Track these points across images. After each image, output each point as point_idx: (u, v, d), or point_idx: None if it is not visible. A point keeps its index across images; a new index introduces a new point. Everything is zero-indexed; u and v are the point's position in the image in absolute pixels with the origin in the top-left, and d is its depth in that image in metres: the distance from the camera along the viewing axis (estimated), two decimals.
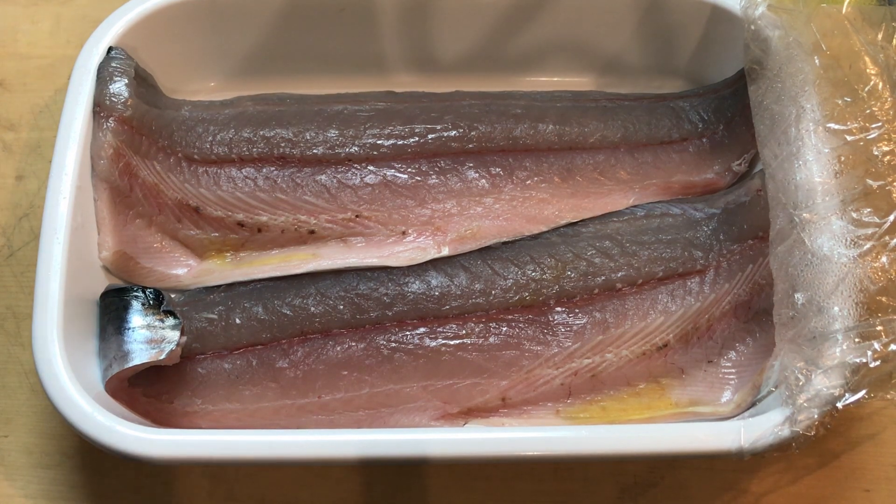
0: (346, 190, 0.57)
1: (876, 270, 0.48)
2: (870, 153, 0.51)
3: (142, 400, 0.51)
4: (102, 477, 0.53)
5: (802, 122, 0.53)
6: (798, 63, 0.54)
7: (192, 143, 0.56)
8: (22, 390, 0.55)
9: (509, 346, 0.53)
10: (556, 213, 0.58)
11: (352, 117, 0.59)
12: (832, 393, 0.45)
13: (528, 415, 0.52)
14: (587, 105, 0.61)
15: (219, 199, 0.56)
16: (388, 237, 0.57)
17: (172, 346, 0.49)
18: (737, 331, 0.54)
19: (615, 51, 0.64)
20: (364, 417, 0.52)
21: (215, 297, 0.54)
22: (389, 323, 0.53)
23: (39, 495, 0.53)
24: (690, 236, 0.56)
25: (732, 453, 0.46)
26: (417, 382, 0.52)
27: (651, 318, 0.54)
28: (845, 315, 0.47)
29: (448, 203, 0.57)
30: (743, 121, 0.59)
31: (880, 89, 0.52)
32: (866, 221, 0.49)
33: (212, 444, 0.46)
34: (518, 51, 0.64)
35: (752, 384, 0.51)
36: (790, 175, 0.52)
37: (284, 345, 0.52)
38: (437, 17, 0.62)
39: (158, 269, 0.55)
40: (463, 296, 0.54)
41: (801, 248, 0.49)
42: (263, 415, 0.51)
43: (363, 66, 0.64)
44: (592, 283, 0.54)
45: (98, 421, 0.46)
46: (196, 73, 0.63)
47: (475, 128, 0.59)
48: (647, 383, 0.53)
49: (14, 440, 0.54)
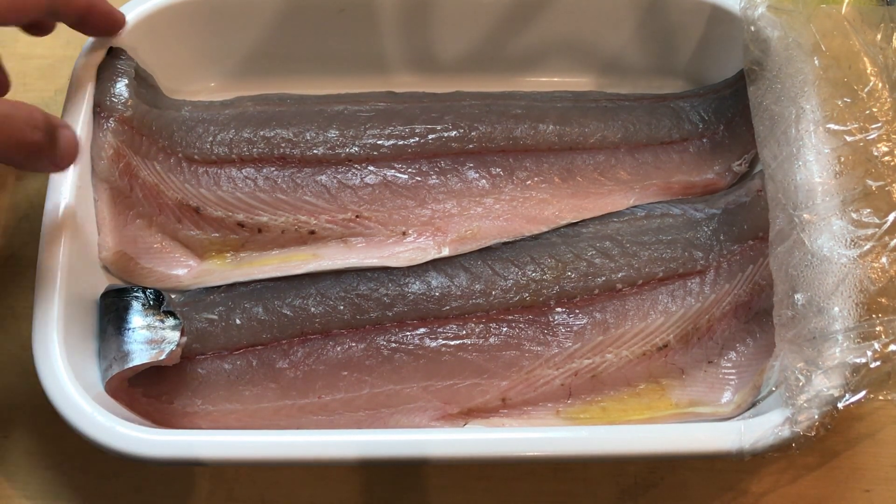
0: (346, 190, 0.57)
1: (876, 271, 0.48)
2: (869, 154, 0.51)
3: (142, 400, 0.51)
4: (102, 477, 0.53)
5: (802, 122, 0.53)
6: (798, 64, 0.54)
7: (192, 143, 0.57)
8: (22, 390, 0.55)
9: (509, 346, 0.53)
10: (557, 214, 0.58)
11: (352, 117, 0.59)
12: (832, 393, 0.45)
13: (529, 415, 0.52)
14: (587, 105, 0.61)
15: (219, 200, 0.56)
16: (389, 237, 0.57)
17: (172, 347, 0.49)
18: (737, 331, 0.54)
19: (615, 51, 0.64)
20: (364, 418, 0.52)
21: (215, 297, 0.54)
22: (390, 323, 0.53)
23: (39, 496, 0.53)
24: (691, 237, 0.56)
25: (732, 454, 0.46)
26: (417, 383, 0.52)
27: (651, 318, 0.54)
28: (845, 315, 0.47)
29: (448, 203, 0.57)
30: (743, 121, 0.59)
31: (880, 90, 0.52)
32: (866, 222, 0.49)
33: (212, 445, 0.46)
34: (518, 51, 0.64)
35: (752, 385, 0.51)
36: (790, 176, 0.52)
37: (284, 345, 0.52)
38: (437, 17, 0.62)
39: (158, 270, 0.55)
40: (463, 296, 0.54)
41: (801, 249, 0.49)
42: (263, 415, 0.51)
43: (363, 66, 0.64)
44: (593, 283, 0.54)
45: (98, 421, 0.46)
46: (196, 74, 0.63)
47: (475, 128, 0.59)
48: (648, 384, 0.53)
49: (14, 441, 0.54)
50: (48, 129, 0.45)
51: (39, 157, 0.45)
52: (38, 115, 0.44)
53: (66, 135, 0.47)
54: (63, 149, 0.46)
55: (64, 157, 0.47)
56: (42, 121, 0.44)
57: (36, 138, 0.44)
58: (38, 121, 0.44)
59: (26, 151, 0.44)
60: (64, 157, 0.47)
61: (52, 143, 0.46)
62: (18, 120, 0.43)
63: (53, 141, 0.46)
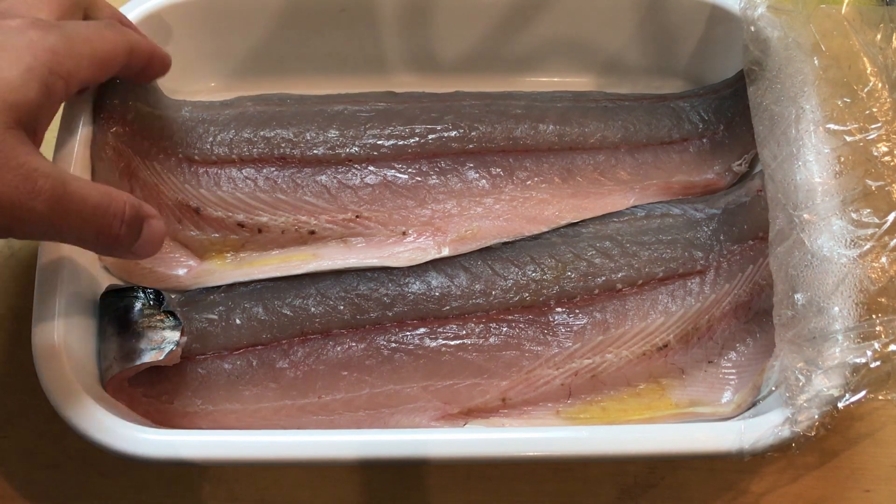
0: (346, 190, 0.57)
1: (876, 271, 0.48)
2: (869, 154, 0.51)
3: (142, 400, 0.51)
4: (102, 477, 0.53)
5: (802, 122, 0.53)
6: (797, 64, 0.54)
7: (192, 143, 0.56)
8: (22, 390, 0.55)
9: (509, 346, 0.53)
10: (557, 214, 0.58)
11: (352, 118, 0.59)
12: (832, 393, 0.45)
13: (529, 415, 0.52)
14: (587, 105, 0.61)
15: (219, 200, 0.56)
16: (389, 237, 0.57)
17: (172, 347, 0.49)
18: (737, 331, 0.54)
19: (615, 51, 0.64)
20: (364, 418, 0.52)
21: (215, 297, 0.54)
22: (389, 323, 0.53)
23: (39, 496, 0.53)
24: (691, 237, 0.56)
25: (732, 454, 0.46)
26: (417, 383, 0.52)
27: (651, 318, 0.54)
28: (845, 315, 0.47)
29: (448, 203, 0.57)
30: (743, 121, 0.59)
31: (879, 90, 0.52)
32: (866, 222, 0.49)
33: (212, 444, 0.46)
34: (518, 51, 0.64)
35: (752, 384, 0.51)
36: (790, 176, 0.52)
37: (284, 345, 0.52)
38: (437, 17, 0.62)
39: (159, 270, 0.55)
40: (463, 296, 0.54)
41: (801, 249, 0.49)
42: (263, 415, 0.51)
43: (363, 66, 0.64)
44: (593, 283, 0.54)
45: (98, 421, 0.46)
46: (196, 74, 0.63)
47: (475, 128, 0.59)
48: (648, 384, 0.53)
49: (14, 441, 0.54)
50: (134, 223, 0.45)
51: (117, 247, 0.45)
52: (127, 210, 0.44)
53: (152, 226, 0.47)
54: (145, 240, 0.46)
55: (144, 247, 0.47)
56: (130, 216, 0.45)
57: (118, 232, 0.44)
58: (126, 215, 0.44)
59: (105, 242, 0.44)
60: (144, 247, 0.47)
61: (134, 236, 0.46)
62: (108, 213, 0.43)
63: (136, 234, 0.46)
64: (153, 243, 0.47)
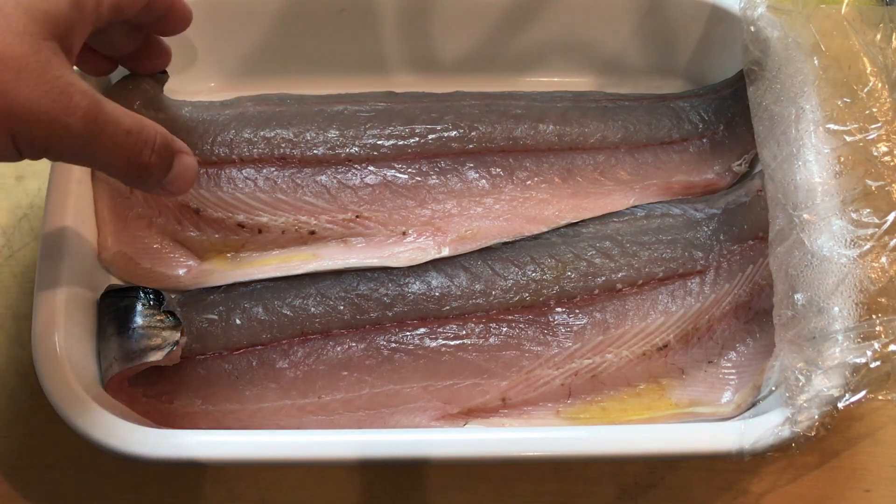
0: (346, 190, 0.57)
1: (876, 271, 0.48)
2: (869, 154, 0.51)
3: (142, 400, 0.51)
4: (102, 477, 0.53)
5: (802, 122, 0.53)
6: (797, 64, 0.54)
7: (192, 143, 0.56)
8: (22, 391, 0.55)
9: (509, 346, 0.53)
10: (557, 214, 0.58)
11: (352, 118, 0.59)
12: (832, 393, 0.45)
13: (529, 415, 0.52)
14: (587, 105, 0.61)
15: (219, 201, 0.56)
16: (389, 238, 0.57)
17: (172, 347, 0.49)
18: (737, 331, 0.54)
19: (615, 51, 0.64)
20: (364, 418, 0.52)
21: (215, 297, 0.54)
22: (390, 323, 0.53)
23: (39, 496, 0.53)
24: (691, 237, 0.56)
25: (733, 454, 0.46)
26: (417, 383, 0.52)
27: (651, 318, 0.54)
28: (845, 315, 0.47)
29: (448, 203, 0.57)
30: (743, 121, 0.59)
31: (879, 90, 0.52)
32: (866, 222, 0.49)
33: (212, 444, 0.46)
34: (518, 51, 0.64)
35: (752, 384, 0.51)
36: (790, 176, 0.52)
37: (284, 345, 0.52)
38: (437, 17, 0.62)
39: (158, 270, 0.55)
40: (463, 296, 0.54)
41: (801, 249, 0.49)
42: (263, 415, 0.51)
43: (363, 66, 0.64)
44: (593, 283, 0.54)
45: (98, 421, 0.46)
46: (196, 74, 0.63)
47: (475, 128, 0.59)
48: (648, 384, 0.53)
49: (14, 441, 0.54)
50: (164, 153, 0.45)
51: (147, 178, 0.45)
52: (158, 140, 0.44)
53: (184, 161, 0.46)
54: (175, 174, 0.46)
55: (175, 182, 0.46)
56: (160, 144, 0.44)
57: (148, 160, 0.44)
58: (157, 144, 0.44)
59: (135, 172, 0.44)
60: (175, 182, 0.46)
61: (165, 168, 0.45)
62: (140, 139, 0.43)
63: (167, 166, 0.45)
64: (185, 179, 0.46)
